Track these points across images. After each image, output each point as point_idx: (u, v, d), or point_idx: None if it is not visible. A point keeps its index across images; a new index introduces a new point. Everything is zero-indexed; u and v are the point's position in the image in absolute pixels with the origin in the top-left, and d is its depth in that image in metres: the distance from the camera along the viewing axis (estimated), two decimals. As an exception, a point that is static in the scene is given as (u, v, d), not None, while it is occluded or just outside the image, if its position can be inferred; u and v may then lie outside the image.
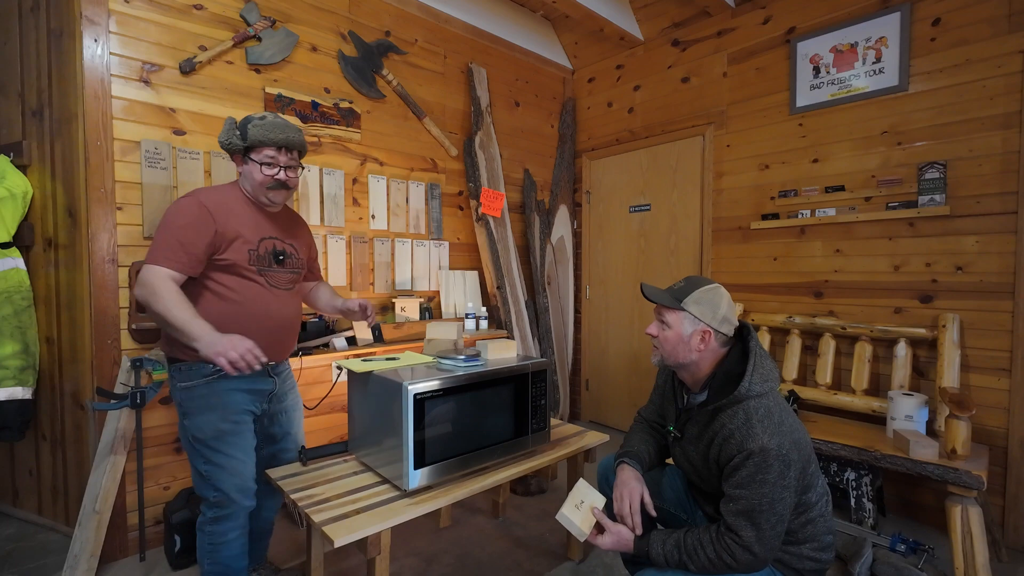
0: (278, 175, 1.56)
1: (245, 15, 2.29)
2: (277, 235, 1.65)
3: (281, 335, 1.66)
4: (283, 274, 1.64)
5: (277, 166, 1.56)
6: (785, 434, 1.18)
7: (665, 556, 1.24)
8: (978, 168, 2.20)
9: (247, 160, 1.56)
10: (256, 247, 1.57)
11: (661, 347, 1.37)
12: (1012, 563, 2.03)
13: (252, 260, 1.56)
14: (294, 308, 1.71)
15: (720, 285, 1.36)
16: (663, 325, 1.36)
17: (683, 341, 1.32)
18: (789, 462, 1.16)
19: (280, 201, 1.62)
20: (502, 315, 3.15)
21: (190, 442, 1.54)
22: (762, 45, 2.87)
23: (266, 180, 1.55)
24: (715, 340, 1.31)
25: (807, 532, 1.26)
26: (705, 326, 1.30)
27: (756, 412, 1.20)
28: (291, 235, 1.72)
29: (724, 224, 3.06)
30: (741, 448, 1.18)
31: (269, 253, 1.61)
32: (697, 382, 1.37)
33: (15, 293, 2.05)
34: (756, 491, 1.15)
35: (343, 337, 2.40)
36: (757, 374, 1.24)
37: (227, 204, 1.54)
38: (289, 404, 1.79)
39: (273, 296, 1.61)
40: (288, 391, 1.78)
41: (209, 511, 1.55)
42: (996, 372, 2.16)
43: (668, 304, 1.34)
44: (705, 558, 1.18)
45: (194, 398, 1.51)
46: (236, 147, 1.55)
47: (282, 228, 1.69)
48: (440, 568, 1.96)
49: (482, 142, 3.21)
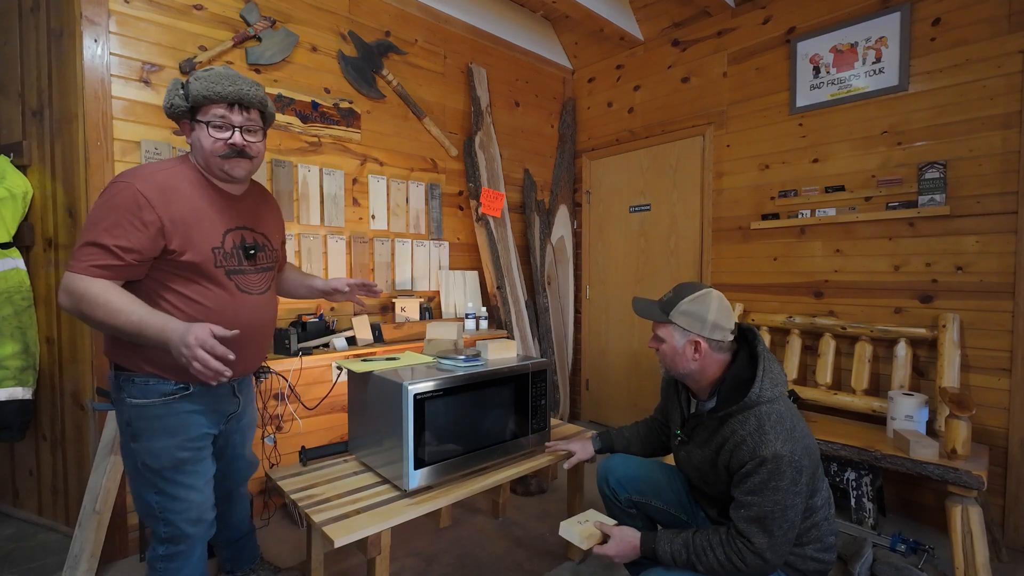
0: (232, 139, 1.23)
1: (245, 15, 2.29)
2: (246, 223, 1.34)
3: (253, 349, 1.40)
4: (255, 275, 1.37)
5: (229, 127, 1.23)
6: (797, 440, 1.17)
7: (673, 555, 1.23)
8: (978, 168, 2.20)
9: (194, 125, 1.24)
10: (221, 243, 1.27)
11: (661, 360, 1.38)
12: (1012, 563, 2.03)
13: (219, 260, 1.26)
14: (269, 315, 1.44)
15: (711, 290, 1.33)
16: (658, 339, 1.36)
17: (678, 353, 1.32)
18: (801, 468, 1.15)
19: (241, 175, 1.29)
20: (502, 315, 3.15)
21: (138, 468, 1.29)
22: (762, 45, 2.87)
23: (217, 146, 1.23)
24: (710, 348, 1.30)
25: (811, 535, 1.26)
26: (695, 336, 1.29)
27: (768, 418, 1.19)
28: (261, 221, 1.41)
29: (724, 224, 3.06)
30: (754, 455, 1.16)
31: (237, 248, 1.30)
32: (703, 389, 1.36)
33: (15, 293, 2.05)
34: (769, 498, 1.14)
35: (343, 337, 2.40)
36: (767, 379, 1.23)
37: (174, 186, 1.21)
38: (245, 423, 1.58)
39: (243, 304, 1.32)
40: (247, 407, 1.57)
41: (160, 547, 1.34)
42: (996, 372, 2.16)
43: (656, 318, 1.35)
44: (715, 560, 1.18)
45: (148, 418, 1.26)
46: (180, 109, 1.23)
47: (251, 214, 1.37)
48: (440, 568, 1.96)
49: (482, 142, 3.21)
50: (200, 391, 1.33)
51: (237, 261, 1.30)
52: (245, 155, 1.27)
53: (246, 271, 1.33)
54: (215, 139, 1.23)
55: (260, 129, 1.31)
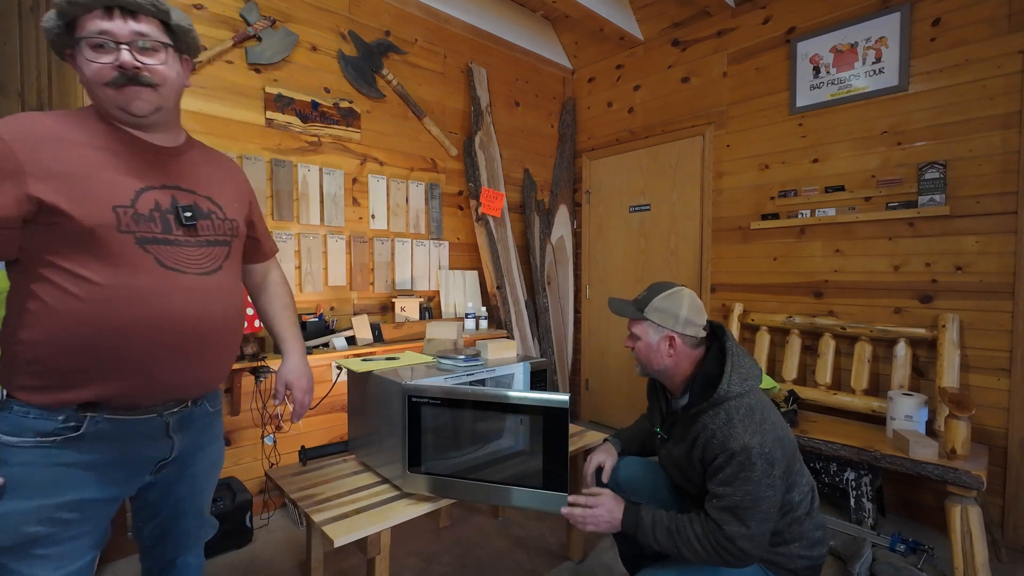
0: (120, 60, 0.88)
1: (245, 15, 2.29)
2: (179, 183, 1.00)
3: (197, 352, 0.98)
4: (193, 249, 0.98)
5: (113, 45, 0.88)
6: (767, 432, 1.19)
7: (655, 520, 1.25)
8: (978, 168, 2.20)
9: (77, 50, 0.90)
10: (132, 202, 0.91)
11: (637, 358, 1.39)
12: (1012, 563, 2.03)
13: (124, 223, 0.89)
14: (224, 307, 1.02)
15: (683, 288, 1.37)
16: (634, 337, 1.38)
17: (653, 349, 1.35)
18: (773, 460, 1.16)
19: (143, 110, 0.93)
20: (502, 315, 3.15)
21: None
22: (762, 45, 2.87)
23: (100, 72, 0.89)
24: (684, 343, 1.33)
25: (794, 532, 1.26)
26: (668, 331, 1.32)
27: (737, 411, 1.21)
28: (207, 183, 1.06)
29: (724, 224, 3.06)
30: (724, 448, 1.18)
31: (165, 212, 0.95)
32: (677, 386, 1.38)
33: (15, 293, 2.05)
34: (740, 488, 1.16)
35: (343, 337, 2.40)
36: (736, 374, 1.25)
37: (62, 133, 0.89)
38: (199, 470, 1.11)
39: (173, 286, 0.93)
40: (203, 447, 1.11)
41: None
42: (996, 372, 2.16)
43: (630, 315, 1.37)
44: (692, 533, 1.20)
45: (8, 464, 0.88)
46: (55, 33, 0.90)
47: (191, 173, 1.03)
48: (440, 568, 1.96)
49: (482, 142, 3.21)
50: (101, 431, 0.92)
51: (162, 228, 0.94)
52: (140, 81, 0.91)
53: (177, 242, 0.95)
54: (93, 64, 0.88)
55: (164, 47, 0.94)
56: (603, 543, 2.15)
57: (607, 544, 2.14)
